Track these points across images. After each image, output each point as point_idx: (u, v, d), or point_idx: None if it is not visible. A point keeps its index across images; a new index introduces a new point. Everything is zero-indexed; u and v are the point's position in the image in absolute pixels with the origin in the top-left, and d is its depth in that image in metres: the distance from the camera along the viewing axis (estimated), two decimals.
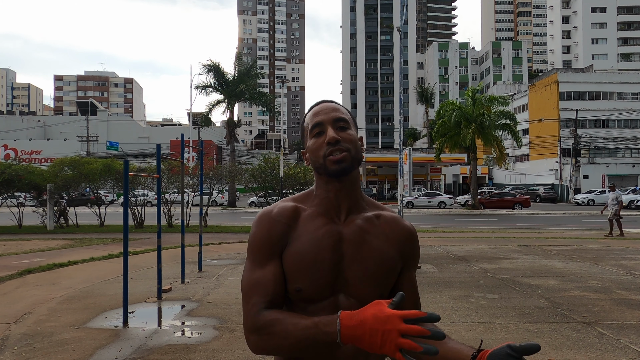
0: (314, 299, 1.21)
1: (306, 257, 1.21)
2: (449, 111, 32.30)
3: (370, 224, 1.28)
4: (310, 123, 1.29)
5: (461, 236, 14.90)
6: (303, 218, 1.26)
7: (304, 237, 1.23)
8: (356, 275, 1.22)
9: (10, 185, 17.14)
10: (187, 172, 19.28)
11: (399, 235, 1.30)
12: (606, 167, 50.87)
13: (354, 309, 1.15)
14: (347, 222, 1.27)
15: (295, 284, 1.21)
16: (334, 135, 1.23)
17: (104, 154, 41.29)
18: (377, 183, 50.08)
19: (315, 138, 1.27)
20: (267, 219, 1.26)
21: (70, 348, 4.57)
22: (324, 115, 1.28)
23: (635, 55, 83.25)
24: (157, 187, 7.48)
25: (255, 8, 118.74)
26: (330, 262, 1.21)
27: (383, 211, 1.34)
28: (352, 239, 1.24)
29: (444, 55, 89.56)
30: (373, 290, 1.22)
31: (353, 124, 1.31)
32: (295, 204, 1.30)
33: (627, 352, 4.35)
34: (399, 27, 13.31)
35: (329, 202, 1.28)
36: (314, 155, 1.26)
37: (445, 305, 6.14)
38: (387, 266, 1.25)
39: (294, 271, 1.21)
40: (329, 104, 1.32)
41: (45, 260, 9.88)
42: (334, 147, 1.22)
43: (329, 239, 1.23)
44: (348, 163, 1.23)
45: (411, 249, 1.32)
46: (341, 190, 1.27)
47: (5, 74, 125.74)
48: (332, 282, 1.21)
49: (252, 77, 33.41)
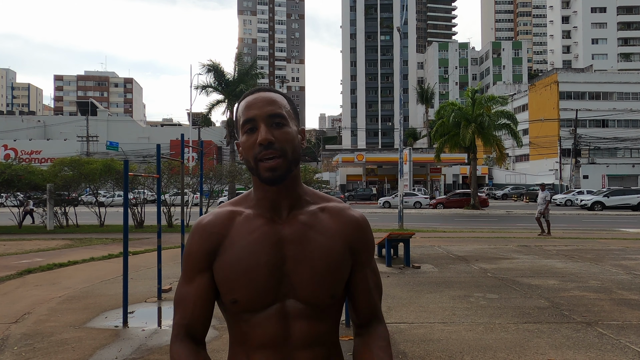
0: (255, 308, 1.11)
1: (239, 264, 1.11)
2: (448, 111, 32.30)
3: (314, 218, 1.16)
4: (242, 117, 1.14)
5: (461, 236, 14.90)
6: (238, 222, 1.15)
7: (238, 243, 1.12)
8: (303, 277, 1.11)
9: (10, 185, 17.14)
10: (187, 172, 19.28)
11: (345, 227, 1.18)
12: (606, 167, 50.90)
13: (304, 314, 1.12)
14: (288, 219, 1.15)
15: (230, 296, 1.12)
16: (266, 137, 1.09)
17: (104, 154, 41.28)
18: (377, 183, 50.07)
19: (247, 135, 1.13)
20: (197, 230, 1.17)
21: (70, 348, 4.57)
22: (256, 109, 1.12)
23: (635, 55, 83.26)
24: (157, 187, 7.48)
25: (255, 8, 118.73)
26: (268, 266, 1.10)
27: (329, 203, 1.21)
28: (294, 238, 1.13)
29: (444, 55, 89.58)
30: (323, 291, 1.12)
31: (293, 117, 1.17)
32: (232, 207, 1.19)
33: (627, 352, 4.35)
34: (399, 27, 13.33)
35: (267, 201, 1.16)
36: (246, 154, 1.13)
37: (445, 305, 6.14)
38: (335, 264, 1.14)
39: (227, 282, 1.11)
40: (264, 95, 1.15)
41: (45, 260, 9.87)
42: (266, 149, 1.09)
43: (266, 241, 1.12)
44: (283, 170, 1.10)
45: (361, 240, 1.20)
46: (280, 190, 1.15)
47: (5, 74, 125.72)
48: (274, 287, 1.11)
49: (252, 77, 33.43)
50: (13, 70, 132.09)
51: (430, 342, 4.66)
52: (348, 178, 52.83)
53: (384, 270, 8.69)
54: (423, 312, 5.82)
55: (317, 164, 74.39)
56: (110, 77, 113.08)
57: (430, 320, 5.44)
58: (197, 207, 13.37)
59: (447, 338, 4.77)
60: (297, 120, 1.19)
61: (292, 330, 1.11)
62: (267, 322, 1.10)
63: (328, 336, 1.16)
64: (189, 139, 37.77)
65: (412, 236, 9.94)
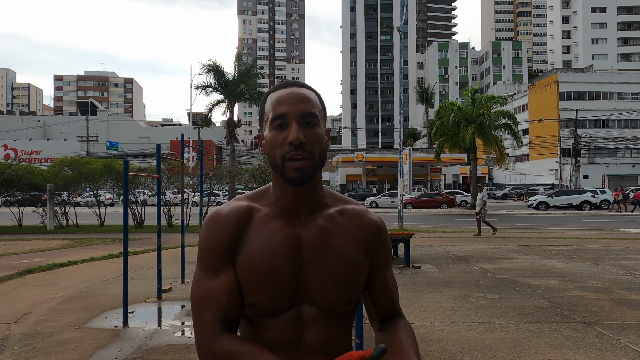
0: (272, 312, 1.08)
1: (260, 266, 1.07)
2: (448, 111, 32.32)
3: (333, 222, 1.14)
4: (272, 111, 1.09)
5: (461, 236, 14.90)
6: (257, 220, 1.11)
7: (258, 243, 1.08)
8: (319, 282, 1.09)
9: (10, 185, 17.13)
10: (187, 172, 19.28)
11: (364, 232, 1.16)
12: (606, 167, 50.94)
13: (319, 319, 1.10)
14: (307, 223, 1.12)
15: (249, 298, 1.08)
16: (298, 136, 1.04)
17: (104, 154, 41.28)
18: (377, 183, 50.09)
19: (276, 131, 1.08)
20: (216, 221, 1.10)
21: (70, 348, 4.56)
22: (290, 105, 1.07)
23: (635, 55, 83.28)
24: (157, 187, 7.48)
25: (255, 8, 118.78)
26: (287, 272, 1.07)
27: (347, 205, 1.19)
28: (313, 242, 1.10)
29: (444, 55, 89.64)
30: (340, 297, 1.10)
31: (323, 118, 1.13)
32: (250, 203, 1.14)
33: (627, 352, 4.35)
34: (399, 27, 13.33)
35: (287, 202, 1.12)
36: (272, 151, 1.08)
37: (445, 305, 6.14)
38: (353, 269, 1.12)
39: (248, 283, 1.07)
40: (298, 92, 1.10)
41: (45, 260, 9.87)
42: (296, 150, 1.05)
43: (286, 245, 1.09)
44: (309, 172, 1.07)
45: (379, 244, 1.18)
46: (301, 192, 1.11)
47: (5, 74, 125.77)
48: (292, 293, 1.08)
49: (252, 77, 33.42)
50: (13, 70, 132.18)
51: (430, 342, 4.66)
52: (348, 178, 52.84)
53: None
54: (423, 312, 5.82)
55: None
56: (110, 77, 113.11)
57: (430, 320, 5.44)
58: (197, 207, 13.38)
59: (447, 338, 4.77)
60: (325, 120, 1.15)
61: (307, 336, 1.09)
62: (282, 327, 1.08)
63: (341, 341, 1.15)
64: (189, 139, 37.79)
65: (412, 236, 9.94)
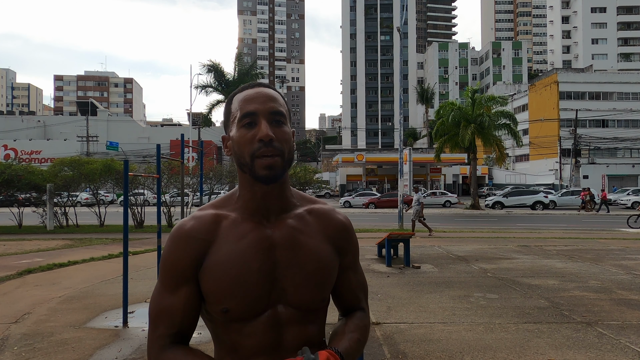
0: (247, 317, 1.07)
1: (229, 272, 1.05)
2: (448, 111, 32.30)
3: (303, 222, 1.14)
4: (240, 110, 1.09)
5: (461, 236, 14.90)
6: (225, 226, 1.10)
7: (226, 249, 1.07)
8: (294, 282, 1.09)
9: (10, 185, 17.12)
10: (187, 172, 19.28)
11: (332, 230, 1.18)
12: (606, 167, 50.90)
13: (296, 319, 1.10)
14: (277, 223, 1.12)
15: (220, 305, 1.06)
16: (268, 133, 1.05)
17: (104, 154, 41.25)
18: (377, 183, 50.09)
19: (244, 129, 1.08)
20: (180, 237, 1.08)
21: (70, 348, 4.56)
22: (259, 104, 1.08)
23: (635, 55, 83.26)
24: (157, 187, 7.48)
25: (255, 8, 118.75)
26: (260, 273, 1.07)
27: (315, 205, 1.20)
28: (285, 243, 1.10)
29: (444, 55, 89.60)
30: (314, 295, 1.11)
31: (289, 118, 1.14)
32: (215, 211, 1.12)
33: (627, 352, 4.35)
34: (399, 27, 13.33)
35: (256, 204, 1.11)
36: (240, 150, 1.08)
37: (445, 305, 6.13)
38: (326, 267, 1.13)
39: (217, 290, 1.05)
40: (266, 91, 1.12)
41: (45, 260, 9.87)
42: (266, 147, 1.05)
43: (257, 247, 1.08)
44: (279, 169, 1.07)
45: (347, 242, 1.20)
46: (270, 192, 1.11)
47: (5, 74, 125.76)
48: (266, 295, 1.07)
49: (252, 77, 33.50)
50: (13, 70, 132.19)
51: (430, 342, 4.66)
52: (348, 178, 52.84)
53: (384, 270, 8.70)
54: (423, 312, 5.82)
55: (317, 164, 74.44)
56: (110, 77, 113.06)
57: (430, 320, 5.44)
58: (197, 207, 13.39)
59: (447, 338, 4.77)
60: (290, 122, 1.16)
61: (285, 336, 1.09)
62: (260, 330, 1.07)
63: (317, 338, 1.16)
64: (189, 139, 37.73)
65: (412, 236, 9.94)
